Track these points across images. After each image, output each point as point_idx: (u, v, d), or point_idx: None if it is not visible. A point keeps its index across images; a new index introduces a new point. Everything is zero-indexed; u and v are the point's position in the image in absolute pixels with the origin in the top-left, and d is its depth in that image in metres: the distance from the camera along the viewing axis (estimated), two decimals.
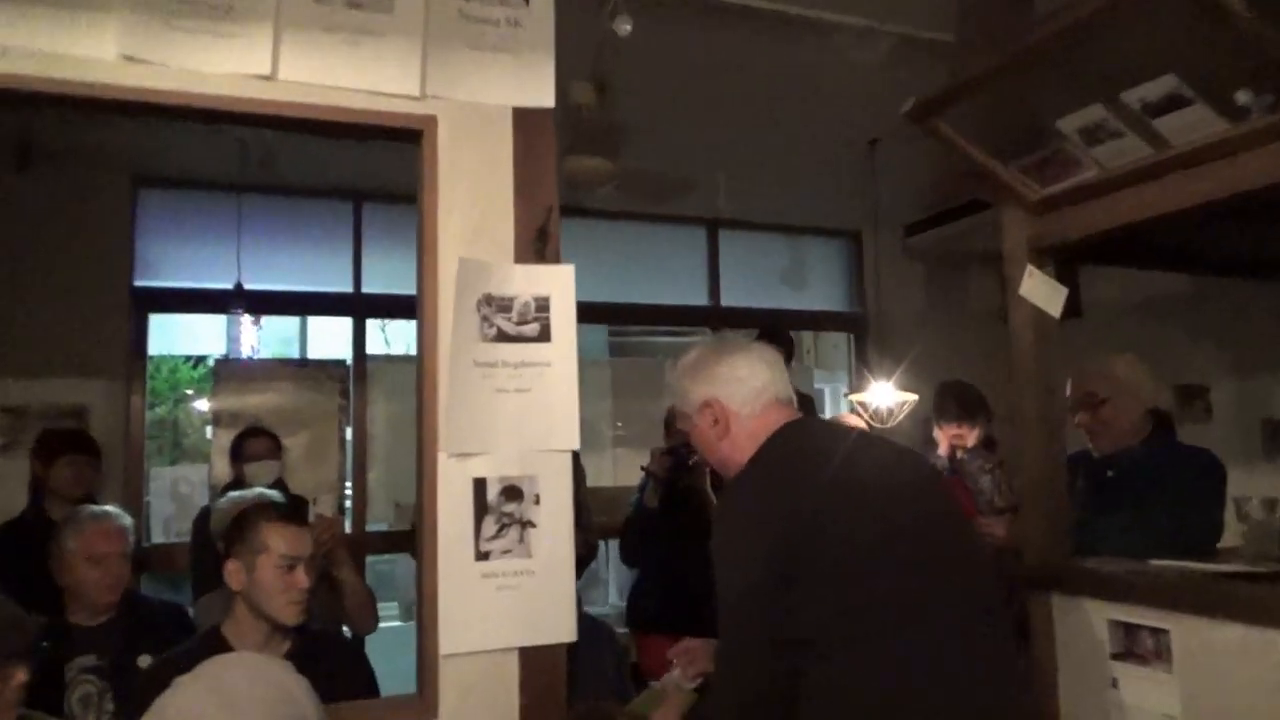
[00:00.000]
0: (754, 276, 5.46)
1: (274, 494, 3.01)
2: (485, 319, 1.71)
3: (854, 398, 4.18)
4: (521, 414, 1.71)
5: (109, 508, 2.75)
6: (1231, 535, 2.31)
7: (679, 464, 3.07)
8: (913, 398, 3.92)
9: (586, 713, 1.45)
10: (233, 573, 2.15)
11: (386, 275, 4.58)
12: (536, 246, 1.75)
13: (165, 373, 9.58)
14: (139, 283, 4.21)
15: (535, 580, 1.69)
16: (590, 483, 4.92)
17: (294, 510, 2.26)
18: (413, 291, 1.75)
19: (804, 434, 1.66)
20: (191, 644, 2.21)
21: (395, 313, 4.78)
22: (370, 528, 4.51)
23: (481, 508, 1.68)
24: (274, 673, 1.22)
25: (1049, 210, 2.21)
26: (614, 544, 5.10)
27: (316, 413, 4.54)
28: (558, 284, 1.76)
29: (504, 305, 1.73)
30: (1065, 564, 2.15)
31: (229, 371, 4.56)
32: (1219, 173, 1.83)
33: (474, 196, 1.73)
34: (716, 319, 5.32)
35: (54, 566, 2.55)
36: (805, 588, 1.44)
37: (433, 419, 1.66)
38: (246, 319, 4.49)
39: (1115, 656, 2.00)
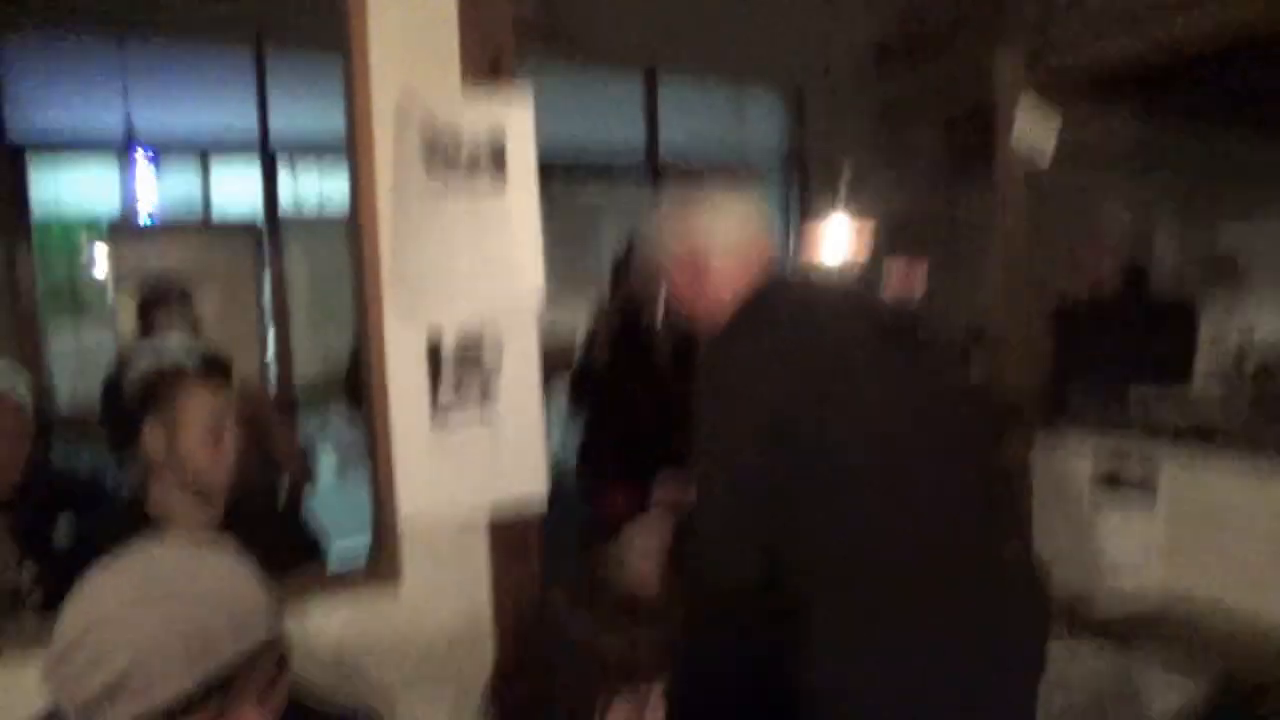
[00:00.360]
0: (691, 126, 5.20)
1: (189, 355, 2.79)
2: (429, 161, 1.49)
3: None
4: (478, 263, 1.53)
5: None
6: None
7: (628, 324, 2.94)
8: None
9: (575, 582, 1.34)
10: (151, 441, 1.96)
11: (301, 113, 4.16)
12: (487, 71, 1.52)
13: (57, 233, 8.89)
14: (10, 128, 3.75)
15: (500, 433, 1.54)
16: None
17: (214, 368, 2.05)
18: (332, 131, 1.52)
19: (794, 297, 1.60)
20: (108, 514, 2.03)
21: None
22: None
23: (437, 357, 1.50)
24: (215, 563, 1.04)
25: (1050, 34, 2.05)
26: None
27: (228, 278, 4.22)
28: (514, 113, 1.55)
29: (450, 144, 1.51)
30: (1045, 392, 2.11)
31: (125, 236, 4.18)
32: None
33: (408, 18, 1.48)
34: (654, 174, 5.09)
35: None
36: (794, 481, 1.40)
37: (375, 279, 1.46)
38: (144, 174, 4.08)
39: (1098, 488, 1.98)
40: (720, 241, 1.59)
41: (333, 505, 2.95)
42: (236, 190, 4.35)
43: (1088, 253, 2.57)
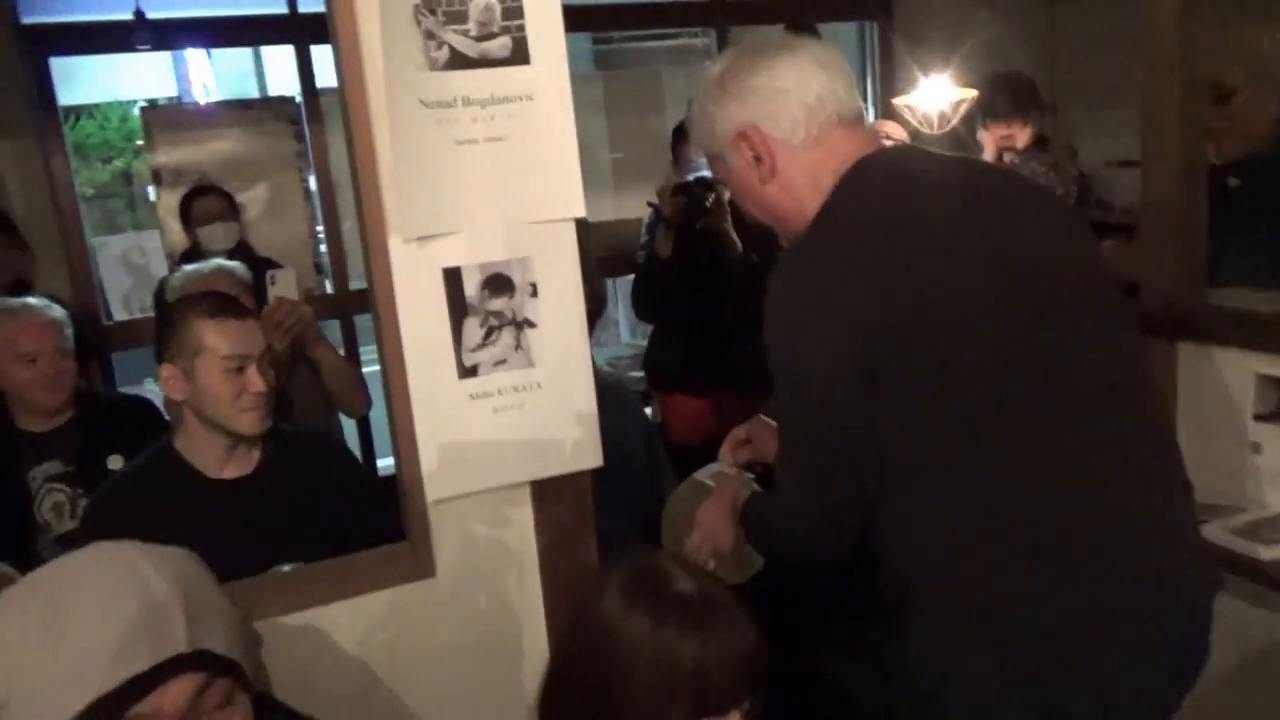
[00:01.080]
0: None
1: (234, 265, 2.59)
2: (430, 35, 1.15)
3: (899, 101, 3.56)
4: (499, 172, 1.20)
5: (30, 299, 2.40)
6: None
7: (694, 204, 2.53)
8: (970, 94, 3.31)
9: (636, 573, 1.09)
10: (170, 380, 1.78)
11: None
12: None
13: (116, 121, 8.74)
14: (26, 19, 3.47)
15: (543, 395, 1.26)
16: (591, 217, 4.43)
17: (231, 302, 1.83)
18: None
19: (891, 175, 1.18)
20: (143, 460, 1.89)
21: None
22: (354, 285, 4.07)
23: (459, 308, 1.22)
24: (139, 582, 0.91)
25: None
26: (622, 281, 4.72)
27: (272, 160, 3.97)
28: None
29: (455, 11, 1.16)
30: (1197, 304, 1.71)
31: (164, 120, 3.93)
32: None
33: None
34: (720, 13, 4.54)
35: None
36: (894, 395, 1.09)
37: (373, 191, 1.16)
38: (198, 54, 3.81)
39: (1260, 418, 1.63)
40: (778, 113, 1.20)
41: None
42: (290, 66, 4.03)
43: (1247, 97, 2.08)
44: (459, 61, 1.17)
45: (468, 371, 1.23)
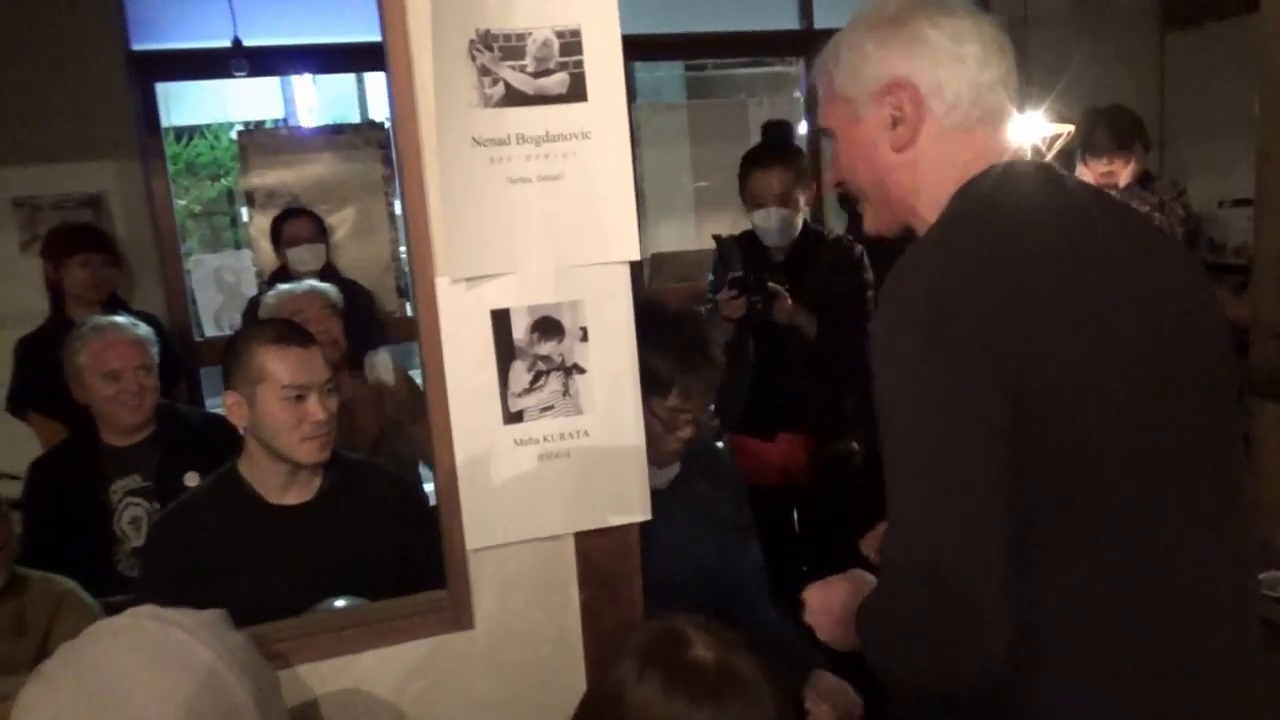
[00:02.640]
0: None
1: (326, 287, 2.65)
2: (485, 71, 1.12)
3: None
4: (553, 213, 1.16)
5: (118, 317, 2.47)
6: None
7: (751, 308, 2.42)
8: (1065, 129, 3.16)
9: (655, 636, 1.01)
10: (232, 407, 1.80)
11: None
12: None
13: (226, 141, 9.14)
14: (136, 46, 3.62)
15: (591, 443, 1.21)
16: (670, 246, 4.38)
17: (294, 330, 1.84)
18: None
19: (1033, 198, 1.01)
20: (209, 483, 1.91)
21: None
22: None
23: (507, 351, 1.18)
24: (186, 653, 0.83)
25: None
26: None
27: (360, 184, 4.06)
28: (593, 7, 1.14)
29: (512, 48, 1.13)
30: None
31: (258, 144, 4.05)
32: None
33: None
34: (810, 43, 4.48)
35: (70, 385, 2.32)
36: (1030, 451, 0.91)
37: (423, 228, 1.13)
38: (304, 78, 3.94)
39: None
40: (946, 79, 1.02)
41: None
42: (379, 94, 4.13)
43: None
44: (514, 98, 1.14)
45: (513, 417, 1.19)
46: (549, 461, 1.20)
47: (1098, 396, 0.93)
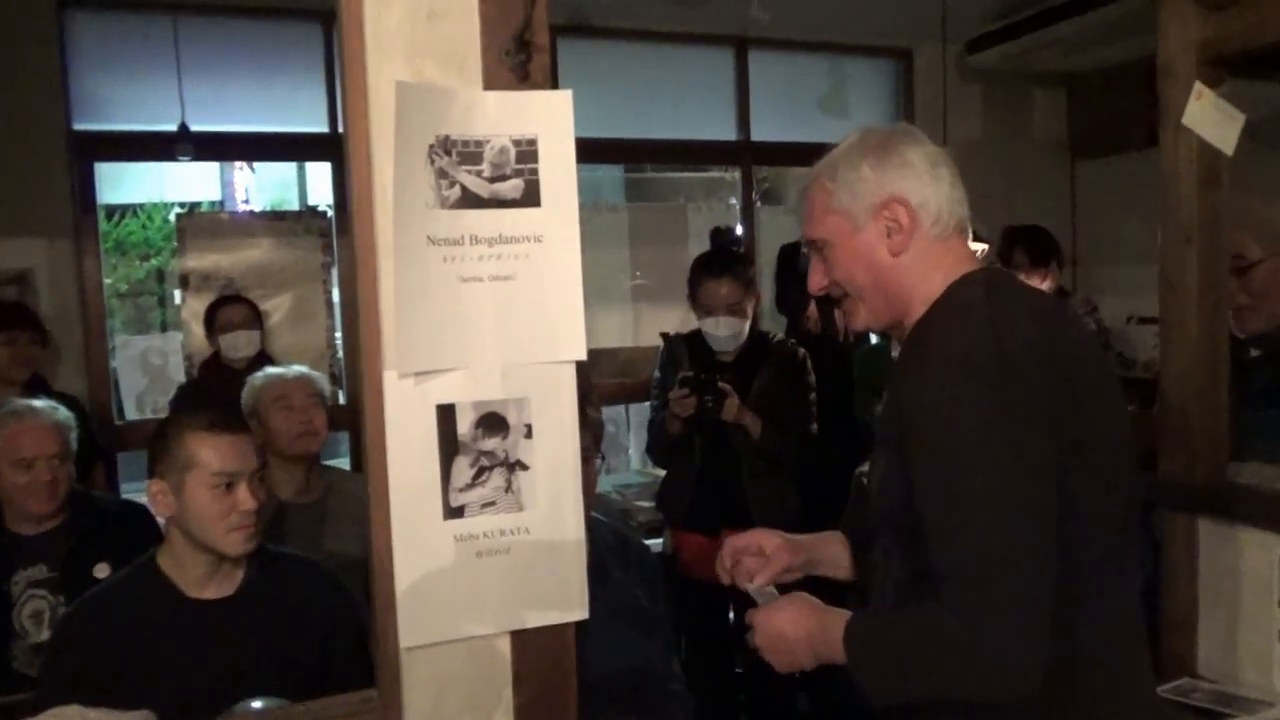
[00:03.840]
0: (789, 104, 4.76)
1: (316, 375, 2.66)
2: (443, 174, 1.16)
3: None
4: (503, 312, 1.19)
5: (36, 402, 2.38)
6: None
7: (701, 406, 2.53)
8: (981, 247, 3.34)
9: None
10: (157, 495, 1.75)
11: None
12: (515, 61, 1.18)
13: (158, 221, 9.02)
14: (79, 125, 3.61)
15: (531, 539, 1.22)
16: (609, 343, 4.44)
17: (226, 416, 1.81)
18: None
19: (1019, 286, 1.28)
20: (124, 575, 1.84)
21: None
22: None
23: (450, 445, 1.18)
24: None
25: (1229, 3, 1.59)
26: (636, 408, 4.68)
27: (299, 270, 4.05)
28: (549, 118, 1.20)
29: (470, 153, 1.17)
30: (1219, 480, 1.65)
31: (197, 227, 4.03)
32: None
33: None
34: (747, 154, 4.68)
35: None
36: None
37: (373, 323, 1.15)
38: (243, 166, 3.96)
39: None
40: (930, 197, 1.23)
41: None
42: (319, 181, 4.16)
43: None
44: (470, 200, 1.18)
45: (454, 512, 1.19)
46: (488, 558, 1.20)
47: (1104, 455, 1.14)
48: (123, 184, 7.53)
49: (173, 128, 3.49)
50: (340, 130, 3.87)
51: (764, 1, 2.22)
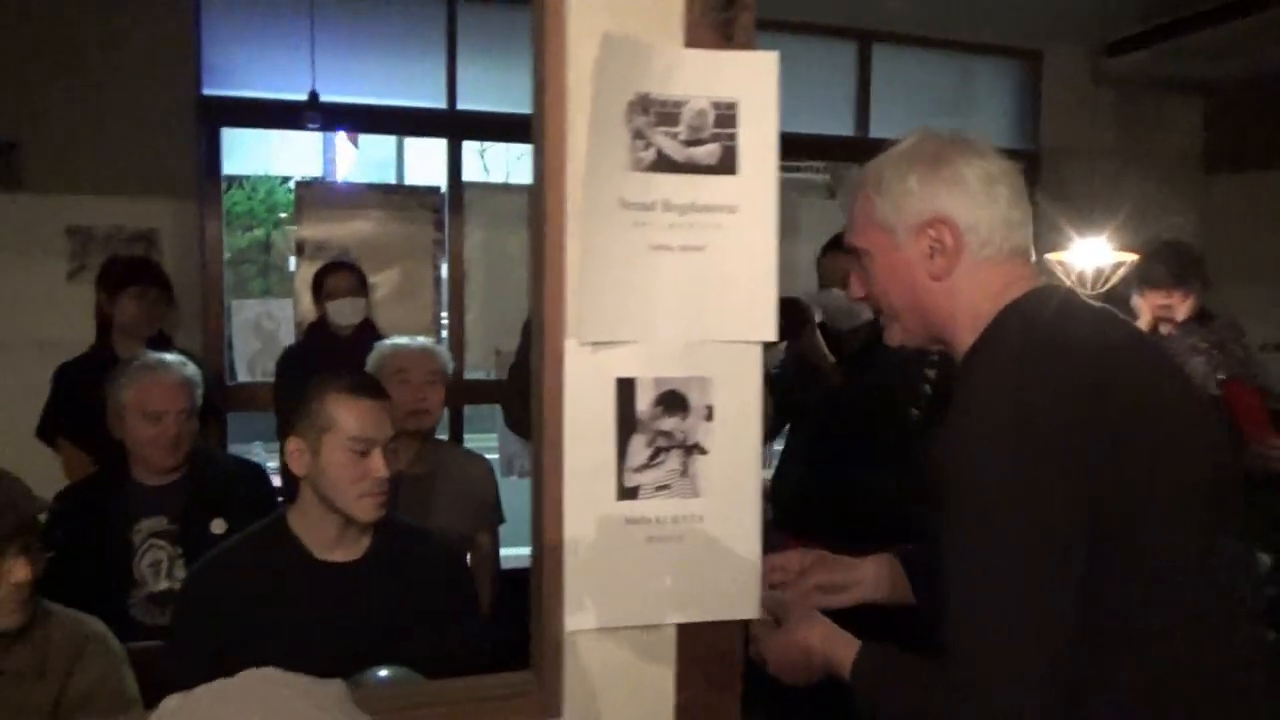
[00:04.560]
0: (910, 102, 4.60)
1: (440, 349, 2.66)
2: (639, 134, 1.09)
3: (1053, 256, 3.43)
4: (691, 284, 1.12)
5: (168, 356, 2.41)
6: None
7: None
8: (1129, 258, 3.17)
9: None
10: (294, 453, 1.74)
11: (486, 90, 3.93)
12: (721, 18, 1.10)
13: (263, 193, 9.27)
14: (208, 91, 3.67)
15: (704, 529, 1.14)
16: None
17: (368, 382, 1.79)
18: (516, 110, 1.14)
19: (1081, 310, 1.12)
20: (253, 532, 1.84)
21: (495, 134, 4.22)
22: (468, 375, 4.07)
23: (628, 423, 1.12)
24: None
25: None
26: None
27: (409, 246, 4.05)
28: (752, 81, 1.12)
29: (668, 114, 1.11)
30: None
31: (314, 197, 4.07)
32: None
33: None
34: (863, 153, 4.54)
35: (109, 419, 2.25)
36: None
37: (557, 290, 1.09)
38: (343, 138, 3.98)
39: None
40: (980, 218, 1.11)
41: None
42: (429, 158, 4.18)
43: None
44: (664, 164, 1.11)
45: (627, 493, 1.12)
46: (658, 545, 1.13)
47: (1156, 511, 1.02)
48: (232, 155, 7.73)
49: (301, 97, 3.52)
50: (458, 107, 3.90)
51: None
